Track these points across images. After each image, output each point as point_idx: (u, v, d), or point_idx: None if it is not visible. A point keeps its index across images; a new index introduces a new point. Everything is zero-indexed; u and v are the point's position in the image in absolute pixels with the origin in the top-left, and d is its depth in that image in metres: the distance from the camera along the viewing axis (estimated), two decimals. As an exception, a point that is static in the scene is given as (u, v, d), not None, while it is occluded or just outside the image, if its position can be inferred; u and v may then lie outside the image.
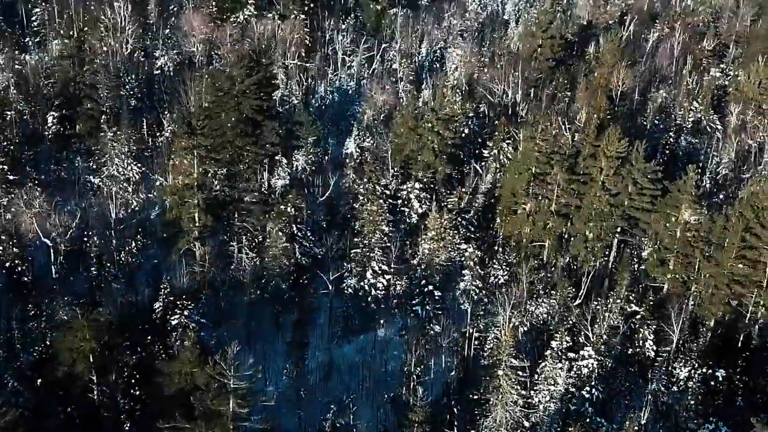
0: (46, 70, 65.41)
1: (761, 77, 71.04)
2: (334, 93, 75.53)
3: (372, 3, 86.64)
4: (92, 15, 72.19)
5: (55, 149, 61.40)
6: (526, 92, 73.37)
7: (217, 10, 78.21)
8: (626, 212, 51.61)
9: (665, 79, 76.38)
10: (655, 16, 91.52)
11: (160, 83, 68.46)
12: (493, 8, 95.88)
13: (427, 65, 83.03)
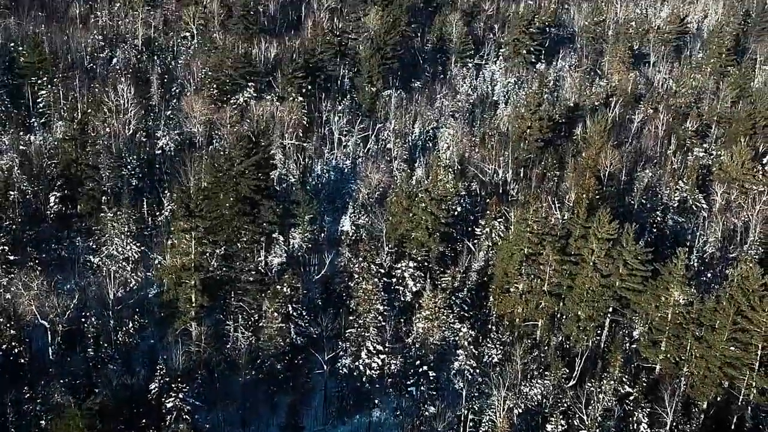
0: (49, 151, 65.25)
1: (744, 158, 71.45)
2: (331, 172, 75.56)
3: (367, 85, 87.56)
4: (96, 97, 72.62)
5: (57, 229, 60.69)
6: (516, 171, 73.65)
7: (218, 92, 78.79)
8: (617, 293, 51.01)
9: (651, 159, 76.78)
10: (640, 97, 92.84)
11: (161, 163, 68.38)
12: (483, 90, 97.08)
13: (420, 144, 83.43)
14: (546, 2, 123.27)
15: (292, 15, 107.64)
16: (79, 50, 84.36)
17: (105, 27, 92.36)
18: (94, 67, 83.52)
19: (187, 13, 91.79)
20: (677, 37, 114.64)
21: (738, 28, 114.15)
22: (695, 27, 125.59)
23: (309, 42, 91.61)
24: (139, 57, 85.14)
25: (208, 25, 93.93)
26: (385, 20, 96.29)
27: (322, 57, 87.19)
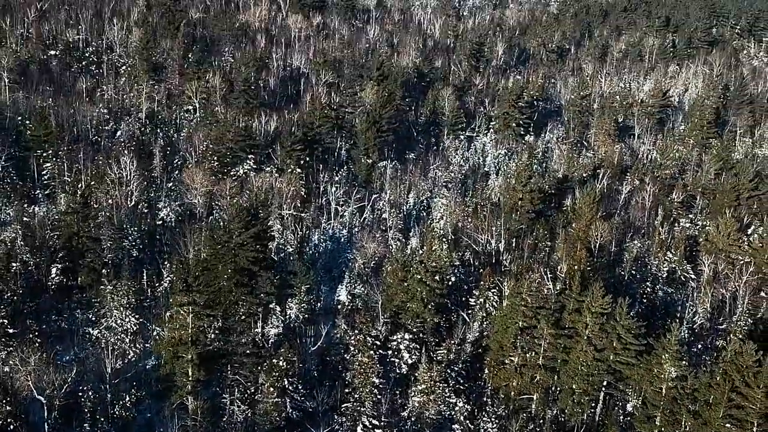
0: (52, 223, 64.35)
1: (729, 229, 71.00)
2: (327, 241, 74.77)
3: (363, 157, 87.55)
4: (100, 169, 72.20)
5: (57, 300, 59.46)
6: (509, 241, 72.98)
7: (219, 164, 78.51)
8: (612, 366, 49.76)
9: (639, 230, 76.27)
10: (626, 169, 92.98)
11: (162, 234, 67.48)
12: (474, 161, 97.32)
13: (415, 214, 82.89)
14: (533, 77, 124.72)
15: (292, 89, 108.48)
16: (85, 123, 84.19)
17: (110, 101, 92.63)
18: (99, 140, 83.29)
19: (190, 87, 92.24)
20: (660, 110, 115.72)
21: (718, 101, 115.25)
22: (677, 100, 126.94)
23: (307, 115, 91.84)
24: (142, 130, 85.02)
25: (210, 99, 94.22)
26: (381, 95, 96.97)
27: (320, 130, 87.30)
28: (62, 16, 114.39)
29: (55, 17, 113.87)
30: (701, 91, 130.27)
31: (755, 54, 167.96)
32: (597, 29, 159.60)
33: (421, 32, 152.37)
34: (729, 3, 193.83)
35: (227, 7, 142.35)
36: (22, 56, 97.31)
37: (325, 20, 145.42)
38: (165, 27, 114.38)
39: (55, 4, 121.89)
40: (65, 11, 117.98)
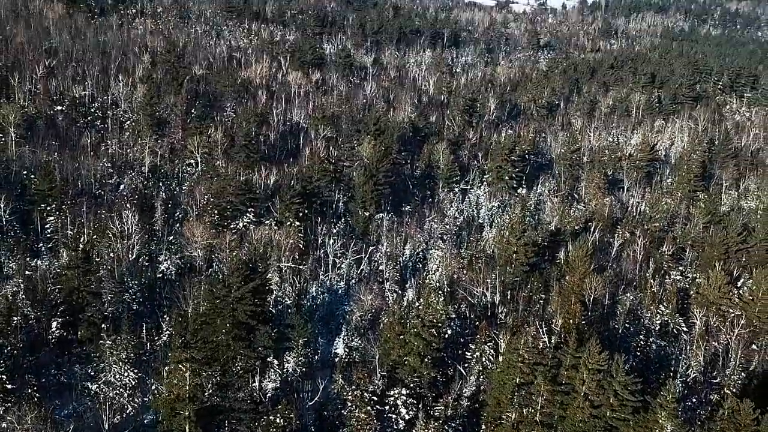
0: (54, 277, 63.27)
1: (719, 282, 70.26)
2: (325, 294, 73.74)
3: (361, 210, 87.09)
4: (102, 223, 71.39)
5: (57, 354, 58.10)
6: (504, 294, 72.04)
7: (219, 217, 77.82)
8: (609, 423, 48.43)
9: (631, 283, 75.44)
10: (617, 221, 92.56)
11: (162, 288, 66.43)
12: (469, 213, 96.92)
13: (411, 266, 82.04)
14: (525, 131, 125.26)
15: (291, 143, 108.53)
16: (88, 177, 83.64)
17: (114, 155, 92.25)
18: (102, 193, 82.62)
19: (192, 142, 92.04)
20: (648, 163, 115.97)
21: (704, 155, 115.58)
22: (664, 154, 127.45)
23: (306, 169, 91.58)
24: (145, 183, 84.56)
25: (212, 153, 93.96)
26: (378, 149, 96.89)
27: (318, 183, 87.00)
28: (69, 73, 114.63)
29: (62, 74, 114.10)
30: (687, 145, 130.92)
31: (737, 109, 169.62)
32: (585, 86, 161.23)
33: (416, 88, 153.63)
34: (711, 60, 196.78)
35: (229, 64, 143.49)
36: (29, 112, 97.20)
37: (323, 77, 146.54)
38: (169, 83, 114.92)
39: (62, 61, 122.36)
40: (72, 68, 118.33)
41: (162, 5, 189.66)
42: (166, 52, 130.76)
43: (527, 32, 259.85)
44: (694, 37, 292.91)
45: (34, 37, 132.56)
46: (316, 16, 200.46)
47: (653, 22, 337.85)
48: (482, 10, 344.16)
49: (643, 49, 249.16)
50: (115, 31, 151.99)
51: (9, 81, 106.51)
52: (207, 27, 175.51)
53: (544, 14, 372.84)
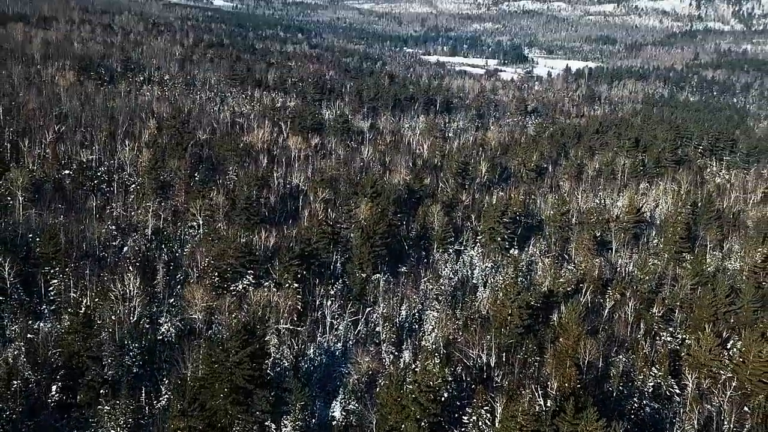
0: (55, 341, 61.46)
1: (710, 345, 68.77)
2: (323, 355, 71.88)
3: (358, 271, 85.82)
4: (104, 286, 69.90)
5: (56, 419, 55.84)
6: (499, 356, 70.32)
7: (219, 279, 76.43)
8: (607, 492, 46.52)
9: (623, 344, 73.86)
10: (607, 282, 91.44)
11: (161, 352, 64.61)
12: (463, 273, 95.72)
13: (407, 326, 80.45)
14: (515, 194, 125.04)
15: (291, 206, 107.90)
16: (93, 240, 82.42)
17: (119, 217, 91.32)
18: (106, 256, 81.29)
19: (195, 205, 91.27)
20: (635, 225, 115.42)
21: (688, 217, 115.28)
22: (649, 216, 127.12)
23: (305, 231, 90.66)
24: (147, 246, 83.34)
25: (214, 216, 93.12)
26: (374, 211, 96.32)
27: (317, 246, 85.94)
28: (78, 138, 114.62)
29: (71, 138, 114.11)
30: (671, 207, 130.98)
31: (717, 172, 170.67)
32: (572, 149, 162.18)
33: (411, 152, 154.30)
34: (691, 125, 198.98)
35: (232, 129, 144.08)
36: (37, 175, 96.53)
37: (322, 141, 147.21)
38: (173, 148, 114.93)
39: (72, 126, 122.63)
40: (81, 133, 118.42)
41: (169, 73, 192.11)
42: (171, 117, 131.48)
43: (515, 99, 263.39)
44: (674, 103, 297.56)
45: (46, 104, 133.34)
46: (315, 84, 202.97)
47: (634, 89, 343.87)
48: (472, 78, 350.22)
49: (626, 114, 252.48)
50: (123, 98, 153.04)
51: (19, 146, 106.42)
52: (211, 94, 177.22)
53: (531, 81, 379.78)
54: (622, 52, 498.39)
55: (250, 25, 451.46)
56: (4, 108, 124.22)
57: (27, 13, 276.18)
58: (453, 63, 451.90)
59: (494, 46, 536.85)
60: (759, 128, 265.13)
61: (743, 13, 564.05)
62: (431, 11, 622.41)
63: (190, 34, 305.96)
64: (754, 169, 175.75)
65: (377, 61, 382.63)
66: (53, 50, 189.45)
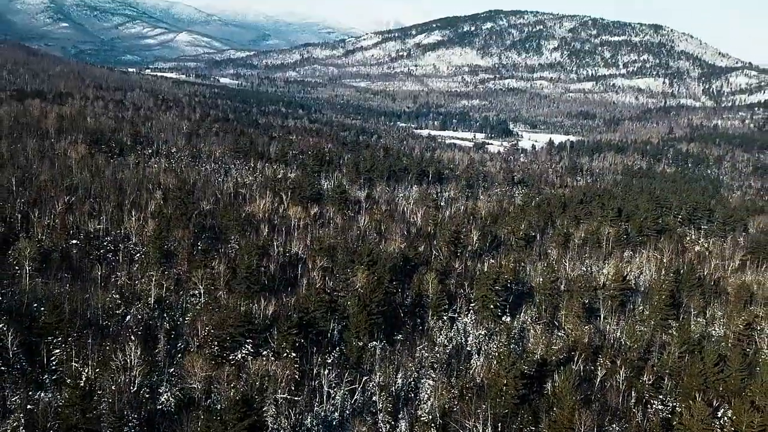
0: (55, 410, 58.55)
1: (701, 414, 66.11)
2: (320, 426, 68.86)
3: (354, 340, 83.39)
4: (106, 355, 67.35)
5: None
6: (495, 426, 67.39)
7: (219, 348, 73.90)
8: None
9: (616, 413, 71.14)
10: (598, 349, 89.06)
11: (160, 423, 61.63)
12: (457, 340, 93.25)
13: (403, 395, 77.51)
14: (506, 261, 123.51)
15: (290, 273, 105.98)
16: (96, 309, 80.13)
17: (123, 286, 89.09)
18: (109, 324, 78.88)
19: (197, 274, 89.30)
20: (621, 292, 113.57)
21: (672, 285, 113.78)
22: (634, 283, 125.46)
23: (303, 300, 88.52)
24: (150, 314, 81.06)
25: (215, 284, 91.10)
26: (371, 279, 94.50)
27: (314, 314, 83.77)
28: (86, 208, 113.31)
29: (79, 209, 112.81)
30: (654, 275, 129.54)
31: (696, 240, 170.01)
32: (558, 219, 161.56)
33: (405, 220, 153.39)
34: (671, 196, 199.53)
35: (235, 200, 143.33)
36: (45, 245, 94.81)
37: (321, 210, 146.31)
38: (178, 218, 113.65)
39: (81, 197, 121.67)
40: (89, 203, 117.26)
41: (176, 146, 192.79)
42: (177, 188, 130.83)
43: (502, 170, 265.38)
44: (652, 175, 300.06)
45: (57, 175, 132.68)
46: (315, 156, 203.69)
47: (614, 161, 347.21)
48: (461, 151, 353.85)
49: (607, 185, 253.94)
50: (132, 170, 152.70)
51: (30, 216, 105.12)
52: (216, 166, 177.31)
53: (516, 154, 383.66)
54: (602, 126, 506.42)
55: (254, 101, 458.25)
56: (18, 179, 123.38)
57: (44, 90, 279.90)
58: (443, 136, 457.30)
59: (481, 120, 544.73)
60: (733, 198, 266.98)
61: (713, 91, 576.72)
62: (423, 89, 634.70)
63: (197, 110, 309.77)
64: (730, 237, 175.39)
65: (373, 134, 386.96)
66: (67, 124, 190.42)
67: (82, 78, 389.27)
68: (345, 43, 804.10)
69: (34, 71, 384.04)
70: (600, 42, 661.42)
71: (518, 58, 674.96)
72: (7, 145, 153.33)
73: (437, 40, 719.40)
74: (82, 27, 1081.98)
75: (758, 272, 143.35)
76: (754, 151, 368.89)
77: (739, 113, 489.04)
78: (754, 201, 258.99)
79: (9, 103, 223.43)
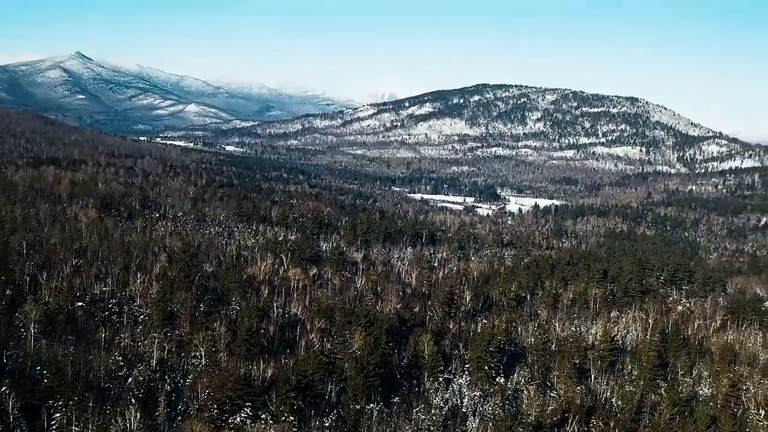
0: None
1: (697, 478, 62.99)
2: (318, 491, 65.29)
3: (352, 402, 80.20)
4: (106, 419, 64.19)
5: None
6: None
7: (218, 411, 70.69)
8: None
9: (612, 477, 67.77)
10: (590, 410, 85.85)
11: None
12: (453, 402, 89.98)
13: (400, 459, 74.06)
14: (498, 322, 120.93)
15: (289, 334, 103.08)
16: (99, 371, 77.11)
17: (126, 347, 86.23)
18: (110, 387, 75.70)
19: (198, 336, 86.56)
20: (610, 353, 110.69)
21: (658, 345, 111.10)
22: (621, 343, 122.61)
23: (302, 362, 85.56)
24: (151, 376, 78.01)
25: (216, 346, 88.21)
26: (368, 341, 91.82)
27: (313, 377, 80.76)
28: (93, 271, 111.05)
29: (87, 271, 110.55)
30: (641, 334, 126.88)
31: (678, 300, 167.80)
32: (547, 280, 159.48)
33: (401, 281, 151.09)
34: (653, 258, 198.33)
35: (237, 262, 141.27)
36: (51, 308, 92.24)
37: (320, 271, 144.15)
38: (182, 280, 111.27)
39: (89, 260, 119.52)
40: (97, 266, 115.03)
41: (182, 210, 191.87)
42: (182, 251, 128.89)
43: (492, 232, 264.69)
44: (633, 237, 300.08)
45: (67, 239, 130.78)
46: (314, 220, 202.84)
47: (596, 224, 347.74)
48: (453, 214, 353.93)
49: (591, 247, 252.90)
50: (139, 233, 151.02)
51: (38, 279, 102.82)
52: (220, 229, 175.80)
53: (504, 217, 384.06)
54: (584, 191, 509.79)
55: (257, 167, 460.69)
56: (29, 243, 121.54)
57: (59, 157, 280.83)
58: (435, 200, 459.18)
59: (470, 185, 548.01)
60: (710, 260, 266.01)
61: (687, 158, 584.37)
62: (415, 156, 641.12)
63: (204, 175, 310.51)
64: (711, 297, 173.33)
65: (369, 198, 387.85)
66: (79, 190, 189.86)
67: (96, 146, 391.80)
68: (343, 114, 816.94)
69: (51, 139, 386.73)
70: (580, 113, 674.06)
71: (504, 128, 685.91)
72: (20, 210, 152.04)
73: (429, 111, 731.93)
74: (98, 99, 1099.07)
75: (739, 331, 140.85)
76: (728, 215, 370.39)
77: (712, 179, 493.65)
78: (730, 262, 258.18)
79: (25, 170, 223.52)
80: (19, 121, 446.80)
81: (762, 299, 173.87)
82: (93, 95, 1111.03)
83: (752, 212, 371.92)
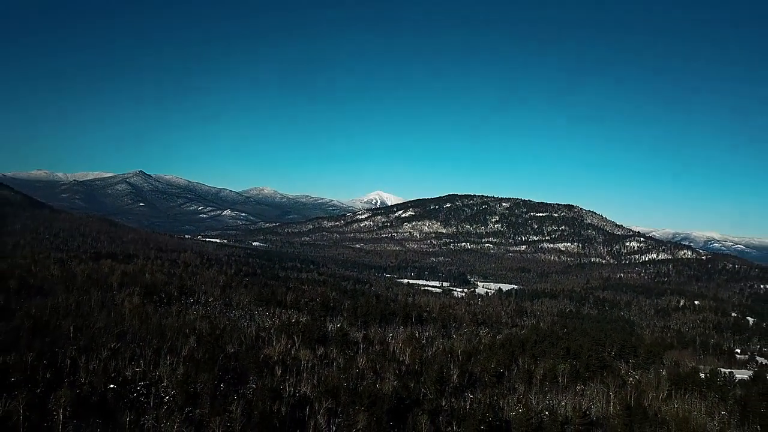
0: None
1: None
2: None
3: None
4: None
5: None
6: None
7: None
8: None
9: None
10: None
11: None
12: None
13: None
14: (483, 396, 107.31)
15: (299, 414, 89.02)
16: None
17: (149, 430, 72.42)
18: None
19: (215, 421, 73.17)
20: (584, 427, 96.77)
21: (626, 418, 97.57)
22: (593, 416, 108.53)
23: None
24: (169, 463, 64.12)
25: (233, 426, 74.43)
26: (372, 422, 78.49)
27: (321, 460, 67.09)
28: (128, 354, 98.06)
29: (123, 354, 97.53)
30: (604, 406, 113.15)
31: (627, 372, 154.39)
32: (520, 357, 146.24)
33: (396, 359, 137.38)
34: (601, 335, 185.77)
35: (256, 342, 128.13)
36: (84, 391, 78.92)
37: (326, 351, 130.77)
38: (206, 362, 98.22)
39: (128, 343, 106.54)
40: (132, 348, 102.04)
41: (213, 296, 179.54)
42: (208, 334, 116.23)
43: (467, 312, 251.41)
44: (580, 316, 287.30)
45: (111, 323, 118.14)
46: (321, 303, 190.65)
47: (549, 305, 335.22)
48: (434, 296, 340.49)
49: (548, 324, 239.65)
50: (174, 317, 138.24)
51: (77, 362, 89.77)
52: (243, 312, 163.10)
53: (475, 299, 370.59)
54: (536, 278, 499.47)
55: (276, 259, 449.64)
56: (76, 327, 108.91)
57: (116, 252, 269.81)
58: (418, 284, 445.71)
59: (446, 272, 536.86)
60: (645, 335, 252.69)
61: (614, 252, 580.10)
62: (402, 249, 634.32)
63: (233, 266, 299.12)
64: (652, 368, 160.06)
65: (366, 283, 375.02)
66: (128, 279, 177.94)
67: (148, 243, 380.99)
68: (345, 217, 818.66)
69: (112, 238, 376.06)
70: (529, 217, 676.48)
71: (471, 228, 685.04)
72: (75, 298, 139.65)
73: (411, 214, 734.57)
74: (154, 206, 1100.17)
75: (684, 401, 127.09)
76: (653, 297, 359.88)
77: (636, 268, 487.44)
78: (662, 338, 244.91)
79: (86, 263, 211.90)
80: (89, 223, 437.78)
81: (698, 371, 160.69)
82: (151, 203, 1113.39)
83: (672, 295, 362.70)
